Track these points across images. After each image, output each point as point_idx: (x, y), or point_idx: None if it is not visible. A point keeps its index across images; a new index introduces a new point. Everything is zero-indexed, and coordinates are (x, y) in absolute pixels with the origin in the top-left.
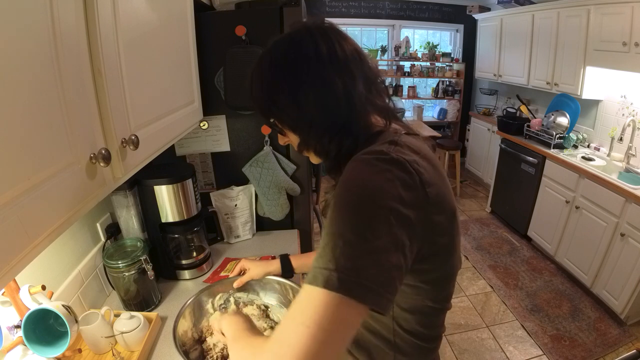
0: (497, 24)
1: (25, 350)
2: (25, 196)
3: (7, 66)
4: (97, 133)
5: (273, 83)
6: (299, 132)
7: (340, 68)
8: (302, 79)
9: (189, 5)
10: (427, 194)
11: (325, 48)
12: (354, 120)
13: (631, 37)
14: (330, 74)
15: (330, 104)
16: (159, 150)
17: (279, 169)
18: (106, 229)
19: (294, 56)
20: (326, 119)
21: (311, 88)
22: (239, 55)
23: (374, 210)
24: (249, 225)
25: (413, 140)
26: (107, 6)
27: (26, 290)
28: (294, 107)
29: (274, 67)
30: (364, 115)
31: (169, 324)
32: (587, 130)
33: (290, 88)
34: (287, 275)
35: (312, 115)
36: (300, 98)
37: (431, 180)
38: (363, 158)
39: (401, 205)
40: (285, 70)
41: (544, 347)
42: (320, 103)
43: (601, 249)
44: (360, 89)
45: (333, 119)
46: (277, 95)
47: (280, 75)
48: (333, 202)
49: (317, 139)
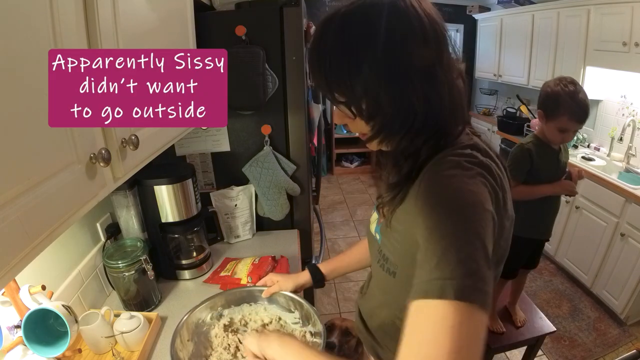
0: (497, 24)
1: (25, 350)
2: (25, 196)
3: (7, 66)
4: (97, 133)
5: (360, 55)
6: (381, 125)
7: (442, 53)
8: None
9: (189, 5)
10: (504, 198)
11: (429, 24)
12: (455, 119)
13: (631, 37)
14: (435, 58)
15: (433, 96)
16: (159, 150)
17: (279, 169)
18: (106, 229)
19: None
20: (427, 115)
21: (414, 71)
22: (239, 55)
23: (483, 215)
24: (249, 225)
25: (482, 143)
26: (107, 6)
27: (26, 290)
28: (385, 91)
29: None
30: (463, 113)
31: (169, 324)
32: (587, 130)
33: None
34: (319, 284)
35: (409, 109)
36: (398, 83)
37: (506, 187)
38: (455, 161)
39: (494, 210)
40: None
41: (544, 347)
42: (423, 93)
43: (601, 249)
44: (460, 82)
45: (435, 116)
46: (363, 73)
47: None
48: (431, 206)
49: (408, 137)
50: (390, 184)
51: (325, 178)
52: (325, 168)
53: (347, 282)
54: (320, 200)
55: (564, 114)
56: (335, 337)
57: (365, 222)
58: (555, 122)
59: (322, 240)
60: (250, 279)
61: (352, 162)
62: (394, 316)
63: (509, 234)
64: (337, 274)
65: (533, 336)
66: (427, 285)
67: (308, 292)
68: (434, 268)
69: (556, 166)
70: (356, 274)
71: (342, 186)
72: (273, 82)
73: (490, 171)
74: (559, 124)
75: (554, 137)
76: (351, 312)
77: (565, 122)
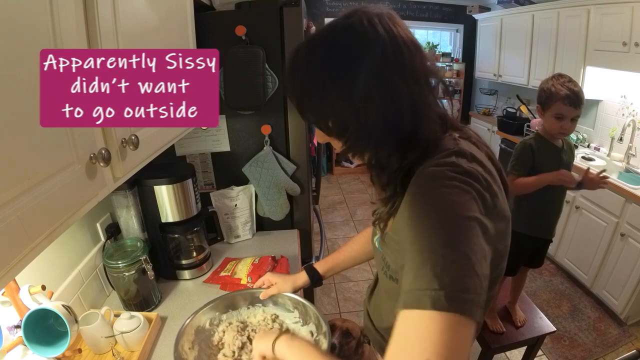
0: (497, 24)
1: (25, 350)
2: (25, 196)
3: (7, 66)
4: (97, 133)
5: (324, 78)
6: (349, 141)
7: (404, 67)
8: (361, 77)
9: (189, 5)
10: (495, 204)
11: (389, 40)
12: (421, 131)
13: (631, 37)
14: (394, 73)
15: (392, 111)
16: (159, 150)
17: (279, 169)
18: (106, 229)
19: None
20: (388, 129)
21: (373, 89)
22: (239, 55)
23: (464, 223)
24: (249, 225)
25: (471, 146)
26: (107, 6)
27: (26, 290)
28: (347, 110)
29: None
30: (430, 124)
31: (169, 324)
32: (587, 130)
33: (344, 88)
34: (317, 284)
35: (370, 125)
36: (358, 101)
37: (495, 190)
38: (436, 171)
39: (482, 216)
40: (338, 65)
41: (544, 347)
42: (383, 109)
43: (601, 249)
44: (427, 92)
45: (396, 130)
46: (328, 95)
47: (334, 70)
48: (414, 219)
49: (374, 151)
50: (381, 199)
51: (325, 178)
52: (325, 168)
53: (347, 282)
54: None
55: (557, 100)
56: (336, 338)
57: (365, 222)
58: (551, 110)
59: (322, 240)
60: (250, 279)
61: (352, 162)
62: None
63: (505, 234)
64: (333, 272)
65: (533, 336)
66: (407, 296)
67: (308, 292)
68: (413, 279)
69: (558, 163)
70: (356, 274)
71: (342, 186)
72: (273, 82)
73: (475, 177)
74: (554, 111)
75: (553, 127)
76: (351, 312)
77: (559, 107)
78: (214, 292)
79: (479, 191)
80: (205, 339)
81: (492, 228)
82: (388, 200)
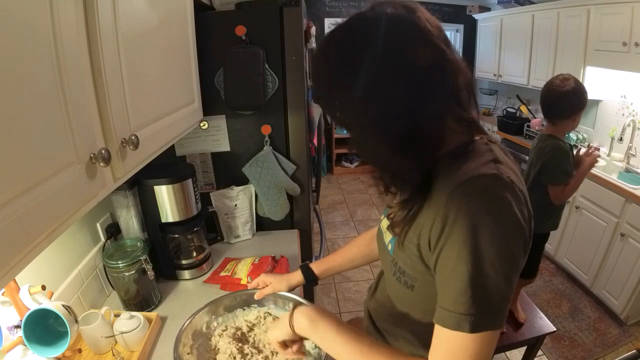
0: (497, 24)
1: (25, 350)
2: (25, 196)
3: (7, 66)
4: (97, 133)
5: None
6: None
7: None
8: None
9: (189, 5)
10: (530, 215)
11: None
12: (430, 136)
13: (631, 37)
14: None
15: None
16: (158, 151)
17: (279, 169)
18: (106, 229)
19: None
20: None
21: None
22: (239, 55)
23: (515, 251)
24: (249, 225)
25: (501, 153)
26: (107, 6)
27: (26, 290)
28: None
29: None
30: (438, 131)
31: (169, 324)
32: (587, 130)
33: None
34: (312, 284)
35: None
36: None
37: (527, 197)
38: (484, 186)
39: (526, 231)
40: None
41: (544, 347)
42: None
43: (601, 249)
44: (445, 96)
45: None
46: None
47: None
48: (462, 241)
49: (386, 155)
50: (401, 201)
51: (325, 178)
52: (325, 168)
53: (347, 282)
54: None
55: (580, 109)
56: None
57: (365, 222)
58: (571, 118)
59: (322, 240)
60: (250, 279)
61: (352, 162)
62: (415, 324)
63: (528, 245)
64: (329, 274)
65: (533, 336)
66: (447, 316)
67: (308, 292)
68: (453, 302)
69: (572, 157)
70: (356, 274)
71: (342, 186)
72: (273, 82)
73: (513, 190)
74: (576, 117)
75: (569, 128)
76: (351, 312)
77: (579, 114)
78: (214, 292)
79: (518, 203)
80: (203, 343)
81: (529, 242)
82: (406, 204)
